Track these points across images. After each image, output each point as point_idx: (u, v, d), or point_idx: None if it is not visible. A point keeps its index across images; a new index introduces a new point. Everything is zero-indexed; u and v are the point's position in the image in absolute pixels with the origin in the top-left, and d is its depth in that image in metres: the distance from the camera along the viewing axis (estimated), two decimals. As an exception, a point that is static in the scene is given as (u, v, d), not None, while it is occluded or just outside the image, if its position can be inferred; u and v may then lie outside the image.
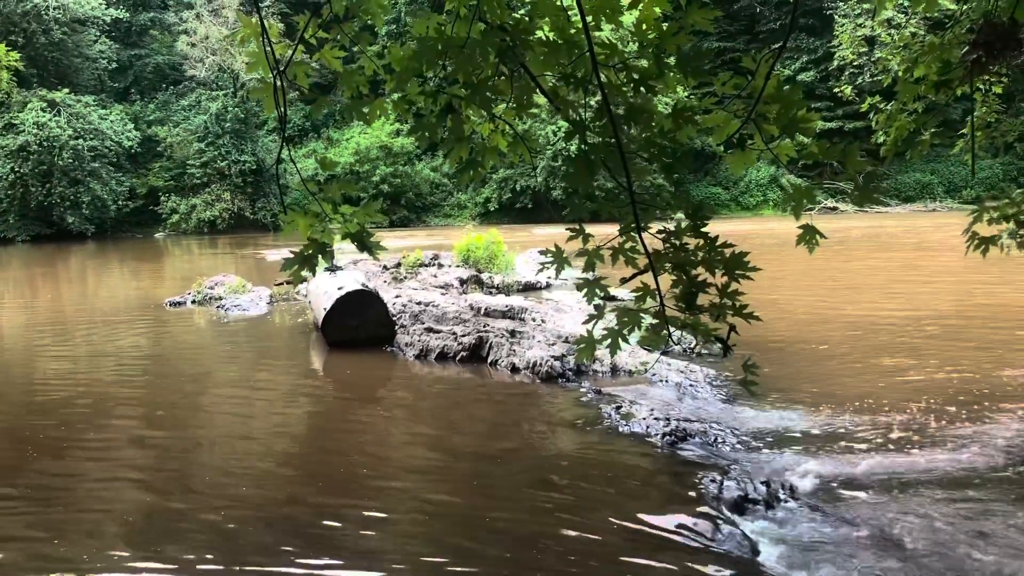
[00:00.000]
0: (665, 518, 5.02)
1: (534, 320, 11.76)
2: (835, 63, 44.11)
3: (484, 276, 16.70)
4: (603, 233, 3.59)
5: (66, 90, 45.97)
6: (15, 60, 29.52)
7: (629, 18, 3.32)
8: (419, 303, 12.35)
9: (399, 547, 4.80)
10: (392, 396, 8.96)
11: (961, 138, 9.05)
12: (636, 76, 3.10)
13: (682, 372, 8.86)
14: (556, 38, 3.28)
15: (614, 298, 11.75)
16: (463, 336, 10.11)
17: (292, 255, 3.87)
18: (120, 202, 47.50)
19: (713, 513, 5.09)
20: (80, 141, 44.67)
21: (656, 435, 6.67)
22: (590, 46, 2.95)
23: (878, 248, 25.33)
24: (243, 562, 4.60)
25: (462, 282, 15.99)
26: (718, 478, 5.58)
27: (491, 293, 15.26)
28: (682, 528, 4.89)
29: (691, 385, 8.47)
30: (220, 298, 15.70)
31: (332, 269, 12.93)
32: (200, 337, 12.84)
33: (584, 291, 3.54)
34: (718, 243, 3.20)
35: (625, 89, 3.17)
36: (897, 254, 23.42)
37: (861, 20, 30.71)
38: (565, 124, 3.46)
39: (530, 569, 4.47)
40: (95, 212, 45.85)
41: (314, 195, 4.02)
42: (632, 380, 8.85)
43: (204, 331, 13.27)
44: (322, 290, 11.59)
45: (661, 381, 8.62)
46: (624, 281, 3.65)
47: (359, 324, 10.86)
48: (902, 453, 6.35)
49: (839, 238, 26.93)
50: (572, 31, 3.28)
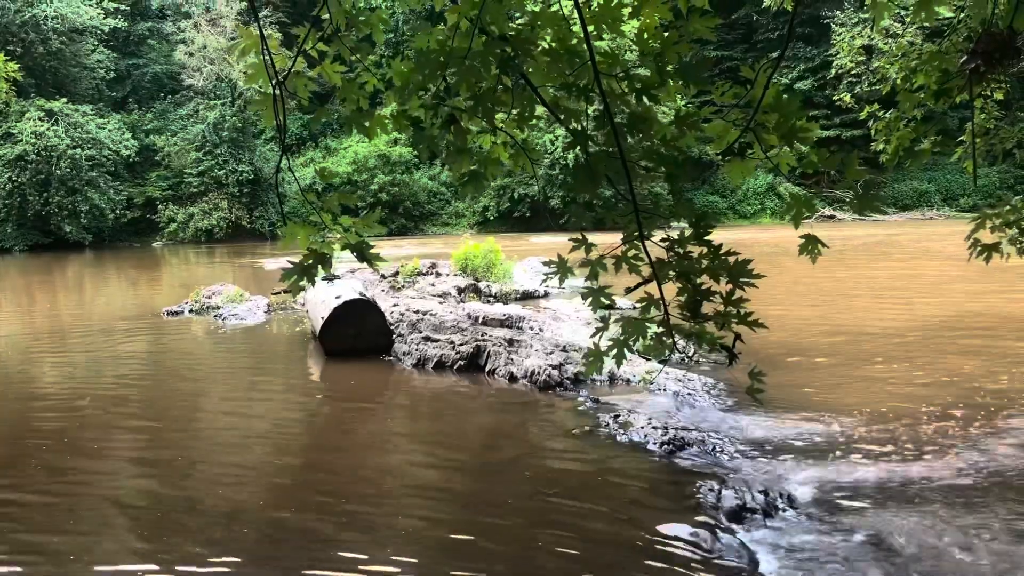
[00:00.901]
0: (663, 527, 5.02)
1: (532, 329, 11.77)
2: (833, 72, 44.23)
3: (482, 285, 16.70)
4: (605, 242, 3.60)
5: (64, 99, 45.95)
6: (13, 70, 29.60)
7: (630, 27, 3.33)
8: (417, 312, 12.35)
9: (397, 553, 4.79)
10: (390, 405, 8.96)
11: (960, 146, 9.08)
12: (638, 85, 3.11)
13: (680, 381, 8.86)
14: (557, 48, 3.29)
15: (613, 307, 11.74)
16: (461, 345, 10.10)
17: (292, 265, 3.87)
18: (118, 211, 47.43)
19: (711, 522, 5.09)
20: (78, 150, 44.63)
21: (654, 444, 6.67)
22: (591, 55, 2.96)
23: (876, 256, 25.37)
24: (241, 566, 4.58)
25: (460, 291, 15.99)
26: (716, 487, 5.58)
27: (489, 302, 15.26)
28: (680, 537, 4.88)
29: (689, 394, 8.47)
30: (218, 307, 15.68)
31: (330, 278, 12.87)
32: (197, 346, 12.82)
33: (588, 300, 3.55)
34: (721, 251, 3.21)
35: (628, 97, 3.18)
36: (895, 263, 23.45)
37: (858, 29, 30.82)
38: (563, 133, 3.48)
39: (529, 578, 4.46)
40: (93, 221, 45.79)
41: (313, 205, 4.03)
42: (630, 389, 8.85)
43: (201, 340, 13.25)
44: (320, 299, 11.59)
45: (659, 390, 8.62)
46: (629, 291, 3.66)
47: (357, 333, 10.85)
48: (900, 461, 6.35)
49: (837, 246, 26.94)
50: (573, 41, 3.30)
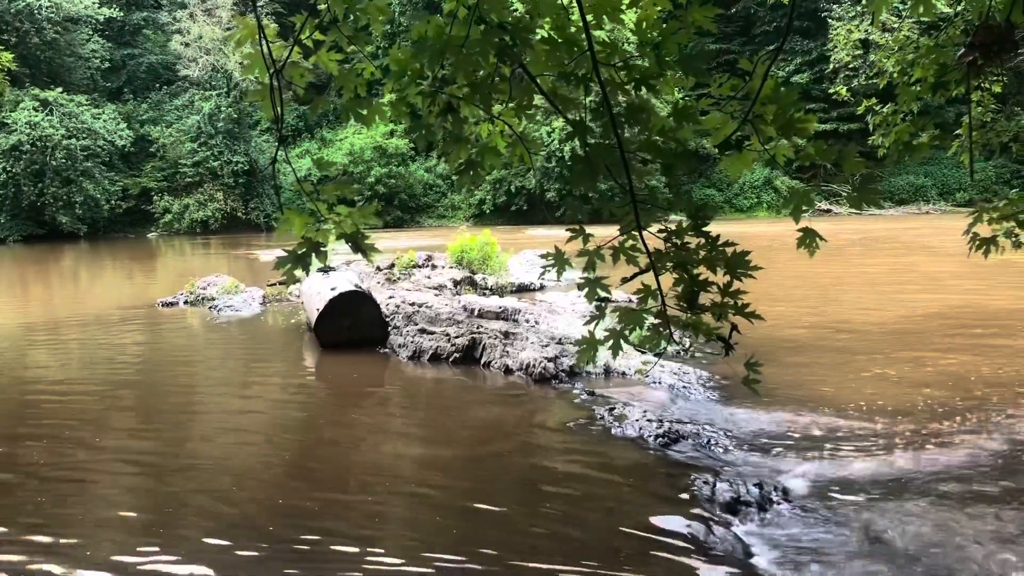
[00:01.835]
0: (658, 519, 5.02)
1: (527, 321, 11.76)
2: (830, 65, 44.24)
3: (478, 277, 16.68)
4: (602, 234, 3.59)
5: (59, 89, 45.79)
6: (8, 60, 29.47)
7: (630, 16, 3.32)
8: (412, 304, 12.34)
9: (393, 544, 4.79)
10: (386, 397, 8.94)
11: (956, 140, 9.05)
12: (637, 75, 3.10)
13: (675, 374, 8.86)
14: (556, 36, 3.27)
15: (611, 299, 11.72)
16: (456, 337, 10.09)
17: (286, 253, 3.86)
18: (113, 202, 47.33)
19: (706, 515, 5.09)
20: (73, 140, 44.50)
21: (649, 436, 6.67)
22: (590, 44, 2.95)
23: (872, 251, 25.39)
24: (235, 557, 4.58)
25: (456, 283, 15.97)
26: (711, 480, 5.58)
27: (485, 294, 15.25)
28: (674, 529, 4.88)
29: (684, 387, 8.48)
30: (212, 298, 15.65)
31: (325, 270, 12.85)
32: (192, 337, 12.80)
33: (585, 290, 3.54)
34: (719, 242, 3.20)
35: (627, 88, 3.17)
36: (891, 257, 23.48)
37: (855, 23, 30.78)
38: (560, 126, 3.47)
39: (523, 568, 4.46)
40: (88, 212, 45.69)
41: (309, 195, 4.01)
42: (626, 382, 8.85)
43: (196, 331, 13.23)
44: (315, 290, 11.57)
45: (654, 383, 8.63)
46: (625, 281, 3.65)
47: (352, 325, 10.84)
48: (894, 455, 6.36)
49: (833, 241, 26.98)
50: (572, 29, 3.28)
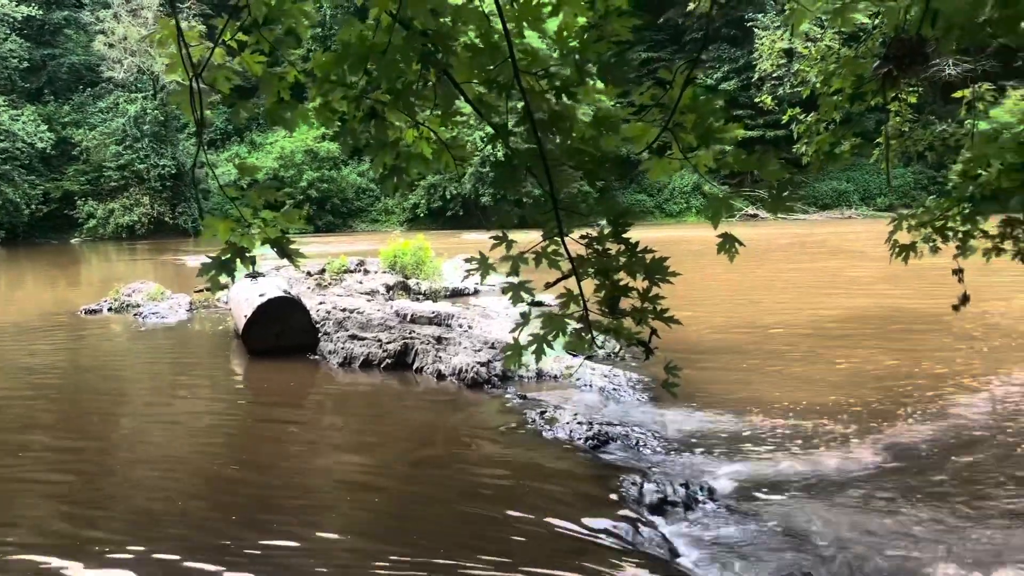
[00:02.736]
0: (587, 521, 5.07)
1: (461, 326, 11.76)
2: (756, 74, 45.18)
3: (411, 282, 16.62)
4: (530, 239, 3.62)
5: (-27, 90, 44.21)
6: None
7: (552, 25, 3.36)
8: (343, 310, 12.22)
9: (329, 550, 4.75)
10: (316, 405, 8.85)
11: (877, 148, 9.35)
12: (558, 83, 3.13)
13: (606, 376, 8.96)
14: (480, 44, 3.29)
15: (543, 304, 11.81)
16: (388, 343, 10.04)
17: (210, 259, 3.80)
18: (33, 206, 45.82)
19: (633, 516, 5.16)
20: (-11, 142, 42.99)
21: (579, 439, 6.74)
22: (511, 51, 2.97)
23: (796, 255, 26.04)
24: (162, 564, 4.47)
25: (388, 288, 15.88)
26: (639, 481, 5.66)
27: (418, 299, 15.20)
28: (602, 530, 4.94)
29: (615, 389, 8.58)
30: (137, 305, 15.27)
31: (253, 275, 12.66)
32: (116, 345, 12.46)
33: (509, 295, 3.56)
34: (638, 248, 3.26)
35: (548, 96, 3.21)
36: (815, 261, 24.10)
37: (780, 32, 31.51)
38: (491, 130, 3.49)
39: (456, 568, 4.46)
40: (6, 216, 44.18)
41: (233, 200, 3.96)
42: (557, 385, 8.92)
43: (120, 339, 12.89)
44: (243, 297, 11.38)
45: (585, 386, 8.71)
46: (548, 286, 3.69)
47: (281, 331, 10.69)
48: (817, 454, 6.54)
49: (760, 245, 27.59)
50: (496, 37, 3.30)
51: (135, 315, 14.67)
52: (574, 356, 9.69)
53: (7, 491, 5.88)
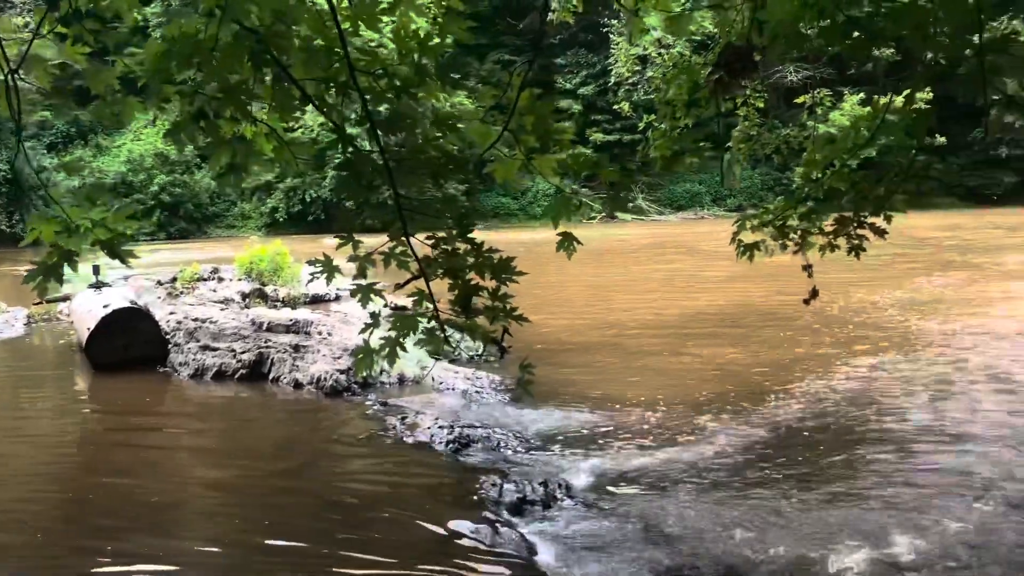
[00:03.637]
0: (447, 525, 5.05)
1: (320, 334, 11.47)
2: (612, 79, 46.38)
3: (268, 289, 16.12)
4: (382, 241, 3.56)
5: None
6: None
7: (389, 26, 3.31)
8: (196, 319, 11.70)
9: (187, 567, 4.56)
10: (169, 418, 8.46)
11: (728, 151, 9.73)
12: (397, 83, 3.09)
13: (469, 379, 8.96)
14: (317, 43, 3.20)
15: (404, 308, 11.69)
16: (243, 353, 9.70)
17: (35, 265, 3.55)
18: None
19: (493, 517, 5.17)
20: None
21: (440, 443, 6.70)
22: (345, 51, 2.91)
23: (653, 255, 26.86)
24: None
25: (244, 296, 15.35)
26: (498, 481, 5.68)
27: (276, 307, 14.74)
28: (462, 533, 4.93)
29: (477, 391, 8.59)
30: (-33, 320, 14.16)
31: (98, 286, 12.03)
32: (-58, 364, 11.53)
33: (358, 297, 3.50)
34: (484, 249, 3.26)
35: (389, 96, 3.16)
36: (669, 261, 24.93)
37: (634, 39, 32.45)
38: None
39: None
40: None
41: (57, 201, 3.71)
42: (419, 389, 8.84)
43: (-53, 357, 11.94)
44: (86, 308, 10.75)
45: (448, 389, 8.68)
46: (399, 287, 3.65)
47: (128, 344, 10.13)
48: (672, 448, 6.73)
49: (618, 247, 28.31)
50: (334, 35, 3.22)
51: (-36, 331, 13.61)
52: (437, 359, 9.64)
53: None
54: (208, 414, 8.49)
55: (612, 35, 43.88)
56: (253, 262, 16.92)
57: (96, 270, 12.41)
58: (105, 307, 10.21)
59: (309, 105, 3.53)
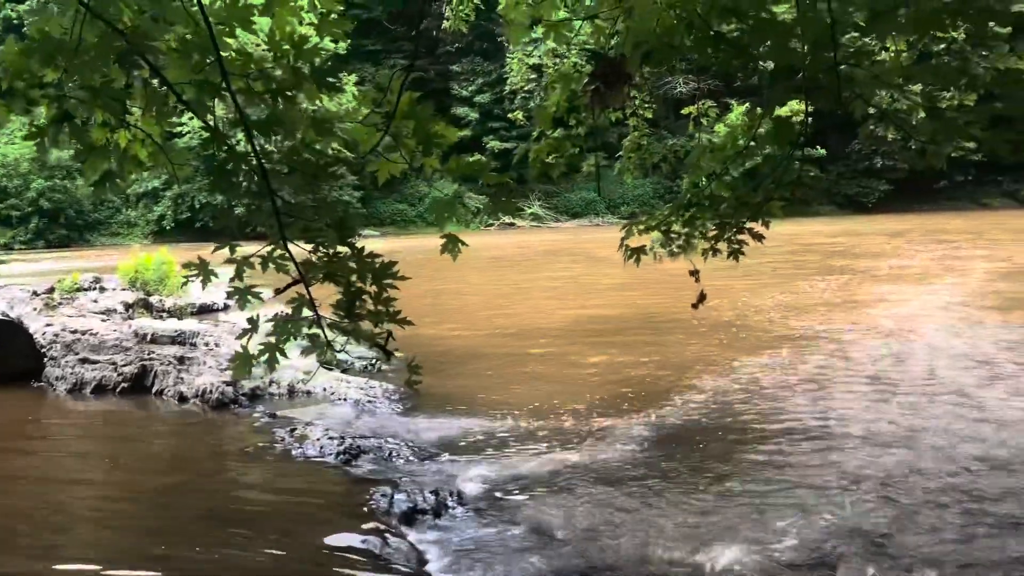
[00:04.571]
0: (335, 537, 4.94)
1: (207, 345, 11.14)
2: (508, 88, 46.79)
3: (154, 299, 15.55)
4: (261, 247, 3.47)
5: None
6: None
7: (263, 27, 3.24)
8: (74, 332, 11.19)
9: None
10: (44, 435, 8.02)
11: (618, 160, 9.91)
12: (273, 85, 3.03)
13: (361, 389, 8.85)
14: (190, 43, 3.10)
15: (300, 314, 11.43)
16: (124, 365, 9.32)
17: None
18: None
19: (383, 527, 5.10)
20: None
21: (330, 455, 6.57)
22: (217, 52, 2.83)
23: (548, 261, 27.16)
24: None
25: (128, 307, 14.75)
26: (389, 492, 5.60)
27: (161, 317, 14.24)
28: (351, 547, 4.83)
29: (370, 401, 8.48)
30: None
31: (-36, 296, 11.35)
32: None
33: (236, 299, 3.41)
34: (365, 254, 3.22)
35: (265, 97, 3.09)
36: (564, 267, 25.25)
37: (530, 49, 32.75)
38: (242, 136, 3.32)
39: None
40: None
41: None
42: (310, 401, 8.67)
43: None
44: (-49, 321, 10.12)
45: (340, 399, 8.55)
46: (278, 291, 3.57)
47: (-1, 358, 9.60)
48: (563, 452, 6.77)
49: (514, 253, 28.51)
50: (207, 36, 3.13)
51: None
52: (329, 369, 9.48)
53: None
54: (88, 429, 8.11)
55: (507, 44, 44.24)
56: (138, 271, 16.31)
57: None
58: (-28, 319, 9.65)
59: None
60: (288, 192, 3.07)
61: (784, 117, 4.76)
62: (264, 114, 2.97)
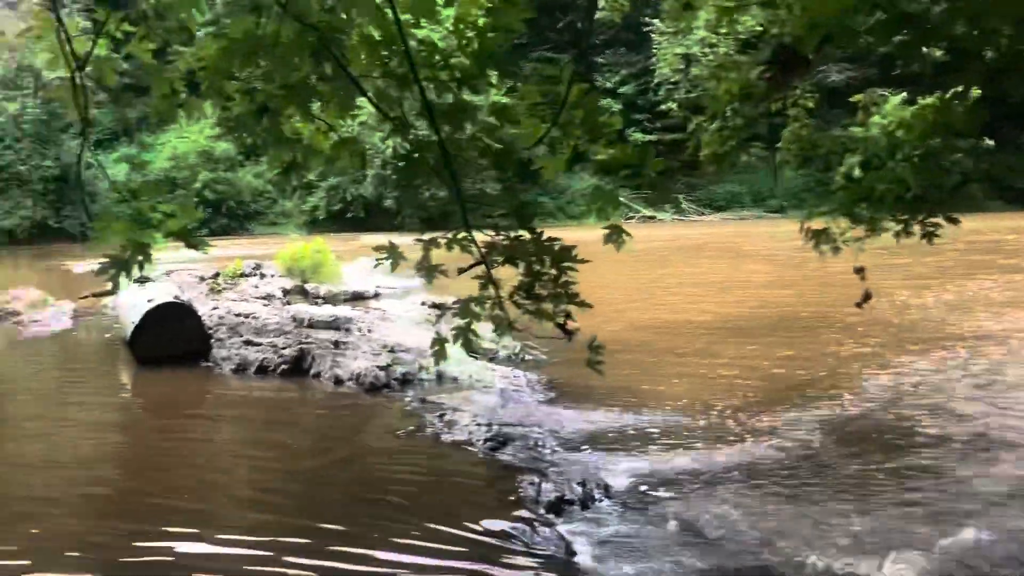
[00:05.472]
0: (484, 523, 5.05)
1: (360, 330, 11.58)
2: (656, 79, 46.16)
3: (309, 286, 16.31)
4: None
5: None
6: None
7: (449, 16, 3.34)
8: (238, 315, 11.89)
9: (228, 559, 4.62)
10: (210, 413, 8.57)
11: (777, 151, 9.63)
12: (457, 74, 3.12)
13: (506, 378, 8.98)
14: (378, 36, 3.23)
15: (443, 305, 11.73)
16: (284, 348, 9.81)
17: (107, 259, 3.62)
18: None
19: (531, 516, 5.16)
20: None
21: (478, 441, 6.70)
22: (405, 43, 2.93)
23: (693, 255, 26.68)
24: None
25: (285, 293, 15.55)
26: (536, 481, 5.67)
27: (316, 304, 14.90)
28: (500, 532, 4.93)
29: (515, 390, 8.59)
30: (18, 313, 14.46)
31: (142, 280, 12.19)
32: (-6, 355, 11.81)
33: (423, 272, 3.55)
34: (543, 238, 3.29)
35: (450, 86, 3.19)
36: (711, 261, 24.73)
37: (678, 38, 32.15)
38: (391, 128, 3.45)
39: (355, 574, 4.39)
40: None
41: (126, 198, 3.79)
42: (457, 388, 8.86)
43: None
44: (131, 303, 10.91)
45: (486, 388, 8.70)
46: (462, 270, 3.68)
47: (171, 338, 10.26)
48: (711, 449, 6.67)
49: (658, 247, 28.12)
50: (393, 28, 3.25)
51: (15, 323, 13.90)
52: (475, 359, 9.65)
53: None
54: (251, 407, 8.58)
55: (654, 35, 43.61)
56: (294, 259, 17.14)
57: (140, 265, 12.61)
58: (150, 301, 10.37)
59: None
60: (465, 181, 3.16)
61: (975, 104, 4.50)
62: (446, 104, 3.07)
